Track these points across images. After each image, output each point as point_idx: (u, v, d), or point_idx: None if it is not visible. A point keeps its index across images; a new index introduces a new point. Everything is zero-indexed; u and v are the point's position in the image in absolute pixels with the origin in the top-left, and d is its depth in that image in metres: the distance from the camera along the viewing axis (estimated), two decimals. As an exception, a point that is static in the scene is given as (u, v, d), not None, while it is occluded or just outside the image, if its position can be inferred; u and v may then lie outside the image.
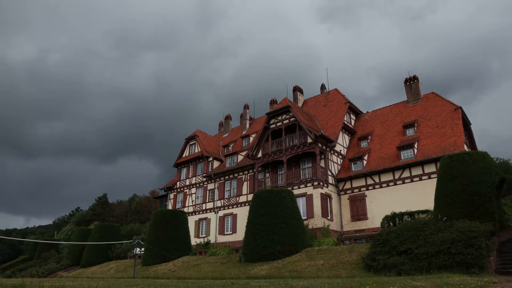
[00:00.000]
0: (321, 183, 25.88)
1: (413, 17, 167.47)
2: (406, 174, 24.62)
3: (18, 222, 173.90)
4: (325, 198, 25.79)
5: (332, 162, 27.92)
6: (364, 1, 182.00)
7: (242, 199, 32.00)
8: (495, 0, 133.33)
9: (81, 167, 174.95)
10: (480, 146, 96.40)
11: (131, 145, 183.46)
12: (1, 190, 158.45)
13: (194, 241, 31.73)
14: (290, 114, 28.69)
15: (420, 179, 23.87)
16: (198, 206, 35.30)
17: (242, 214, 29.89)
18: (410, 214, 18.47)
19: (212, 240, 32.10)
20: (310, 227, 23.89)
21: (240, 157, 34.26)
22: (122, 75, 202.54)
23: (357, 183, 26.77)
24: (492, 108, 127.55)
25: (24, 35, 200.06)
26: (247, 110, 40.50)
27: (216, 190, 34.47)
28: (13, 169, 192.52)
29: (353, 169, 27.23)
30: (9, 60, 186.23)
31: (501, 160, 52.20)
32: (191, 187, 36.90)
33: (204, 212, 34.59)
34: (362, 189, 26.37)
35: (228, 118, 43.41)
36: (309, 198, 25.62)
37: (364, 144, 29.47)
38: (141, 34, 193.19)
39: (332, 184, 27.13)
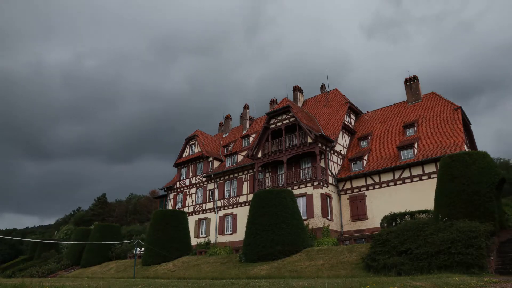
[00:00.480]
0: (321, 183, 25.87)
1: (462, 28, 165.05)
2: (406, 174, 24.61)
3: (33, 222, 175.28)
4: (325, 198, 25.79)
5: (332, 162, 27.91)
6: (405, 14, 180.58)
7: (242, 199, 32.00)
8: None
9: (99, 167, 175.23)
10: (504, 147, 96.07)
11: (150, 145, 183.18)
12: (20, 191, 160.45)
13: (194, 241, 31.73)
14: (290, 114, 28.68)
15: (420, 179, 23.86)
16: (198, 206, 35.30)
17: (242, 214, 29.88)
18: (410, 214, 18.47)
19: (212, 240, 32.10)
20: (310, 227, 23.89)
21: (240, 157, 34.26)
22: (157, 79, 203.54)
23: (357, 183, 26.77)
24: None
25: (61, 40, 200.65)
26: (247, 110, 40.48)
27: (216, 190, 34.47)
28: (32, 170, 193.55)
29: (353, 169, 27.22)
30: (45, 65, 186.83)
31: (502, 160, 52.25)
32: (191, 187, 36.90)
33: (204, 212, 34.59)
34: (362, 189, 26.37)
35: (228, 118, 43.39)
36: (309, 198, 25.62)
37: (364, 144, 29.47)
38: (184, 40, 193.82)
39: (332, 184, 27.13)
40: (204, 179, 35.79)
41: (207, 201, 34.86)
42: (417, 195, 22.77)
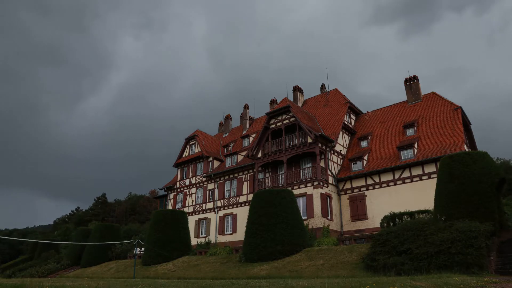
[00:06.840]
0: (321, 183, 25.86)
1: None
2: (406, 174, 24.61)
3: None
4: (325, 198, 25.78)
5: (332, 162, 27.90)
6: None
7: (242, 199, 31.99)
8: None
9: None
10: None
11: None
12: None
13: (194, 241, 31.71)
14: (290, 114, 28.68)
15: (420, 179, 23.86)
16: (198, 206, 35.30)
17: (242, 214, 29.88)
18: (410, 214, 18.45)
19: (212, 240, 32.09)
20: (310, 227, 23.89)
21: (240, 157, 34.25)
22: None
23: (357, 183, 26.76)
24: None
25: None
26: (247, 110, 40.47)
27: (216, 190, 34.46)
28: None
29: (353, 169, 27.21)
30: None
31: (502, 160, 52.28)
32: (191, 187, 36.89)
33: (204, 212, 34.58)
34: (362, 189, 26.36)
35: (228, 118, 43.39)
36: (309, 198, 25.61)
37: (364, 144, 29.46)
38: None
39: (332, 184, 27.12)
40: (204, 179, 35.78)
41: (207, 201, 34.85)
42: (417, 195, 22.76)
